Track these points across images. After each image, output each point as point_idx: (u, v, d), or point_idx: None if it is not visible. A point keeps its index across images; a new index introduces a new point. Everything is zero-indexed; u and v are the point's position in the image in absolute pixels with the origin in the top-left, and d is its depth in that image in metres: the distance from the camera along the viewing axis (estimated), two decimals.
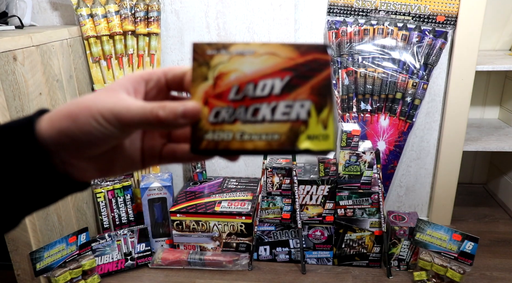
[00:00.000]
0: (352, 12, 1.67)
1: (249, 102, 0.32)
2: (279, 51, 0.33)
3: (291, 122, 0.32)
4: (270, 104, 0.32)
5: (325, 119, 0.32)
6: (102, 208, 1.71)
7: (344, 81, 1.71)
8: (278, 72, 0.33)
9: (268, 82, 0.32)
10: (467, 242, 1.47)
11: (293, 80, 0.32)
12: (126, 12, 1.65)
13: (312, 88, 0.32)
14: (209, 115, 0.32)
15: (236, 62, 0.33)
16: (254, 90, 0.32)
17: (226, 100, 0.33)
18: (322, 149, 0.31)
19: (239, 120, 0.32)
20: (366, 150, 1.59)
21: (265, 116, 0.32)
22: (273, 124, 0.32)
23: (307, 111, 0.32)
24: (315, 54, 0.33)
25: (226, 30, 1.74)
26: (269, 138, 0.32)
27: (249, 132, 0.32)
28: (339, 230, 1.66)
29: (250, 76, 0.33)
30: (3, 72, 1.24)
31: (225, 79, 0.33)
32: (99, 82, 1.73)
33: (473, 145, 1.80)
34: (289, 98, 0.32)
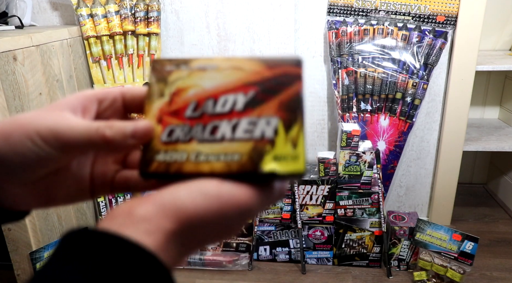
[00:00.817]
0: (352, 12, 1.67)
1: (207, 119, 0.29)
2: (244, 65, 0.30)
3: (254, 141, 0.28)
4: (231, 122, 0.28)
5: (294, 137, 0.27)
6: (102, 208, 1.71)
7: (344, 81, 1.71)
8: (241, 87, 0.29)
9: (230, 98, 0.29)
10: (467, 242, 1.47)
11: (258, 95, 0.29)
12: (126, 12, 1.65)
13: (281, 104, 0.28)
14: (162, 134, 0.29)
15: (195, 77, 0.30)
16: (214, 107, 0.29)
17: (182, 117, 0.29)
18: (291, 171, 0.27)
19: (195, 139, 0.28)
20: (366, 150, 1.59)
21: (225, 134, 0.28)
22: (233, 144, 0.28)
23: (273, 129, 0.28)
24: (285, 68, 0.30)
25: (226, 30, 1.74)
26: (228, 159, 0.27)
27: (206, 152, 0.28)
28: (339, 230, 1.66)
29: (210, 91, 0.29)
30: (3, 72, 1.24)
31: (182, 95, 0.30)
32: (99, 82, 1.73)
33: (473, 145, 1.80)
34: (253, 114, 0.28)
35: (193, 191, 0.26)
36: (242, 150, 0.27)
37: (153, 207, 0.25)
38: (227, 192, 0.26)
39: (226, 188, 0.27)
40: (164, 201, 0.26)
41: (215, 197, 0.26)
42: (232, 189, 0.27)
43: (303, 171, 0.27)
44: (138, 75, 1.76)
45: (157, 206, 0.25)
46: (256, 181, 0.27)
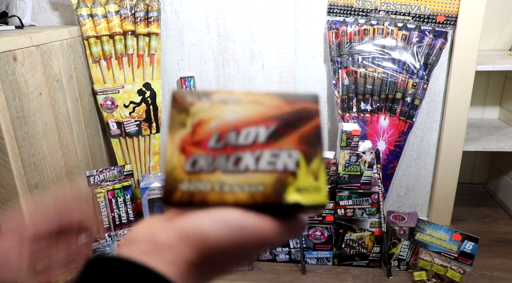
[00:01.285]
0: (352, 12, 1.67)
1: (231, 150, 0.29)
2: (264, 100, 0.31)
3: (277, 173, 0.29)
4: (254, 153, 0.29)
5: (315, 170, 0.29)
6: (102, 208, 1.71)
7: (344, 81, 1.71)
8: (263, 120, 0.30)
9: (252, 130, 0.30)
10: (467, 242, 1.47)
11: (279, 129, 0.30)
12: (126, 12, 1.65)
13: (301, 138, 0.30)
14: (185, 164, 0.29)
15: (217, 109, 0.31)
16: (237, 138, 0.30)
17: (205, 148, 0.30)
18: (314, 203, 0.28)
19: (219, 170, 0.29)
20: (366, 150, 1.59)
21: (249, 165, 0.29)
22: (257, 175, 0.29)
23: (295, 161, 0.29)
24: (303, 103, 0.31)
25: (226, 30, 1.74)
26: (252, 189, 0.28)
27: (230, 183, 0.28)
28: (339, 230, 1.66)
29: (232, 123, 0.30)
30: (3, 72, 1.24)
31: (205, 126, 0.30)
32: (99, 82, 1.73)
33: (473, 145, 1.80)
34: (275, 147, 0.29)
35: (216, 220, 0.27)
36: (266, 181, 0.28)
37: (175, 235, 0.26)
38: (250, 223, 0.27)
39: (249, 219, 0.27)
40: (187, 230, 0.26)
41: (238, 228, 0.27)
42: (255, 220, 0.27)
43: (325, 202, 0.29)
44: (138, 75, 1.76)
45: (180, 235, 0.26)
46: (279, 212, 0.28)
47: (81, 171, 1.67)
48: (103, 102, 1.75)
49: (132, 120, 1.79)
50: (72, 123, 1.60)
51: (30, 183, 1.36)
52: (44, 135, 1.43)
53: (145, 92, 1.77)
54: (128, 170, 1.75)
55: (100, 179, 1.69)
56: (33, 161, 1.37)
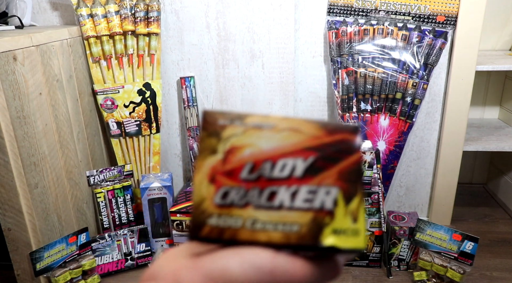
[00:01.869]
0: (352, 12, 1.67)
1: (265, 184, 0.27)
2: (302, 128, 0.28)
3: (314, 212, 0.26)
4: (290, 188, 0.27)
5: (355, 211, 0.26)
6: (102, 208, 1.72)
7: (344, 81, 1.71)
8: (300, 152, 0.28)
9: (289, 162, 0.27)
10: (467, 242, 1.47)
11: (318, 162, 0.27)
12: (126, 12, 1.65)
13: (340, 173, 0.27)
14: (215, 195, 0.27)
15: (252, 136, 0.28)
16: (272, 170, 0.27)
17: (237, 179, 0.27)
18: (352, 247, 0.26)
19: (252, 205, 0.27)
20: (366, 150, 1.59)
21: (283, 202, 0.27)
22: (292, 213, 0.26)
23: (333, 199, 0.26)
24: (344, 134, 0.28)
25: (226, 30, 1.74)
26: (287, 229, 0.26)
27: (263, 220, 0.26)
28: None
29: (267, 153, 0.28)
30: (3, 72, 1.24)
31: (237, 154, 0.28)
32: (99, 82, 1.73)
33: (473, 145, 1.80)
34: (313, 182, 0.27)
35: (245, 262, 0.25)
36: (302, 221, 0.26)
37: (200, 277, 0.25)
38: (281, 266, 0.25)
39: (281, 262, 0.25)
40: (213, 272, 0.25)
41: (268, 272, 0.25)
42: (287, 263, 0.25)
43: (364, 247, 0.26)
44: (138, 75, 1.76)
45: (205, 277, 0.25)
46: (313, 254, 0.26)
47: (81, 171, 1.67)
48: (103, 102, 1.75)
49: (132, 120, 1.79)
50: (72, 123, 1.60)
51: (30, 183, 1.36)
52: (44, 135, 1.43)
53: (145, 92, 1.77)
54: (128, 170, 1.75)
55: (100, 179, 1.69)
56: (33, 161, 1.37)
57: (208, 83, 1.82)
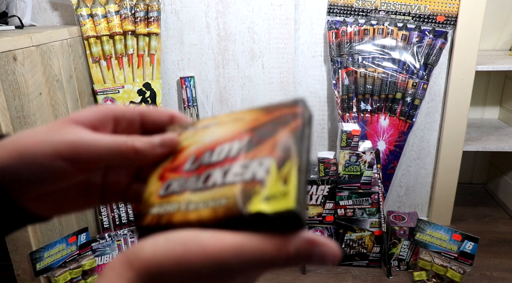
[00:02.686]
0: (352, 12, 1.67)
1: (203, 169, 0.28)
2: (244, 116, 0.29)
3: (243, 183, 0.25)
4: (223, 168, 0.27)
5: (286, 173, 0.24)
6: (102, 208, 1.71)
7: (344, 81, 1.71)
8: (238, 135, 0.28)
9: (226, 146, 0.28)
10: (467, 242, 1.47)
11: (253, 140, 0.27)
12: (126, 12, 1.65)
13: (275, 144, 0.26)
14: (160, 189, 0.29)
15: (199, 135, 0.30)
16: (210, 157, 0.28)
17: (180, 171, 0.29)
18: (278, 210, 0.23)
19: (189, 190, 0.27)
20: (366, 150, 1.59)
21: (216, 181, 0.26)
22: (222, 189, 0.26)
23: (266, 169, 0.25)
24: (283, 110, 0.28)
25: (226, 30, 1.74)
26: (215, 204, 0.25)
27: (196, 200, 0.26)
28: (339, 230, 1.66)
29: (208, 144, 0.29)
30: (3, 72, 1.24)
31: (184, 152, 0.30)
32: (99, 82, 1.73)
33: (473, 145, 1.80)
34: (246, 158, 0.27)
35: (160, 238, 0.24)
36: (230, 193, 0.25)
37: (120, 256, 0.25)
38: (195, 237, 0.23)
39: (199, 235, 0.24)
40: (129, 250, 0.25)
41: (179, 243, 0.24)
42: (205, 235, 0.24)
43: (294, 208, 0.23)
44: (138, 75, 1.76)
45: (123, 255, 0.25)
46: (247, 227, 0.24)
47: None
48: (103, 102, 1.75)
49: None
50: None
51: None
52: None
53: (145, 92, 1.77)
54: None
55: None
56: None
57: (208, 83, 1.82)
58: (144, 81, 1.76)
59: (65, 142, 0.27)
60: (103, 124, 0.30)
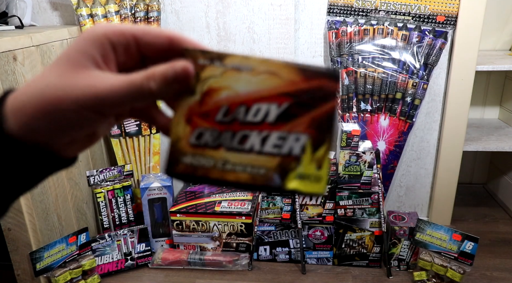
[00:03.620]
0: (352, 12, 1.67)
1: (238, 127, 0.28)
2: (281, 72, 0.28)
3: (281, 157, 0.27)
4: (261, 133, 0.28)
5: (320, 158, 0.27)
6: (102, 208, 1.71)
7: (344, 81, 1.71)
8: (276, 97, 0.28)
9: (263, 107, 0.28)
10: (467, 242, 1.47)
11: (292, 108, 0.28)
12: (126, 12, 1.65)
13: (312, 121, 0.27)
14: (190, 136, 0.29)
15: (230, 78, 0.29)
16: (246, 114, 0.28)
17: (212, 121, 0.28)
18: (312, 192, 0.27)
19: (224, 147, 0.28)
20: (366, 150, 1.59)
21: (254, 146, 0.28)
22: (261, 157, 0.27)
23: (301, 146, 0.27)
24: (322, 81, 0.28)
25: (226, 30, 1.74)
26: (254, 172, 0.27)
27: (233, 162, 0.28)
28: (339, 230, 1.66)
29: (243, 97, 0.28)
30: (3, 72, 1.24)
31: (214, 96, 0.29)
32: None
33: (473, 145, 1.80)
34: (284, 129, 0.27)
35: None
36: (269, 165, 0.27)
37: None
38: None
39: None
40: None
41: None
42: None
43: (323, 192, 0.27)
44: None
45: None
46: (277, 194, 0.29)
47: (81, 171, 1.67)
48: None
49: (132, 120, 1.79)
50: None
51: None
52: None
53: None
54: (128, 170, 1.75)
55: (100, 179, 1.69)
56: None
57: None
58: None
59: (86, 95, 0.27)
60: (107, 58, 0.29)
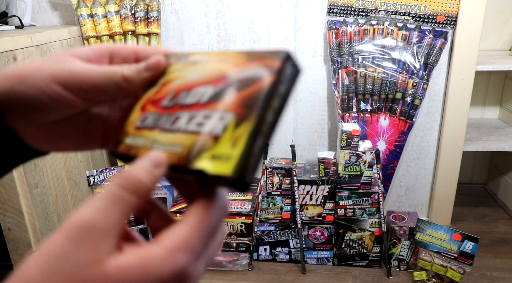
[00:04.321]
0: (352, 12, 1.67)
1: (176, 109, 0.28)
2: (230, 58, 0.28)
3: (200, 135, 0.25)
4: (190, 113, 0.27)
5: (238, 136, 0.23)
6: None
7: (344, 81, 1.71)
8: (215, 80, 0.27)
9: (200, 90, 0.27)
10: (467, 242, 1.47)
11: (225, 89, 0.26)
12: (126, 12, 1.65)
13: (242, 99, 0.25)
14: (138, 120, 0.30)
15: (186, 70, 0.30)
16: (186, 98, 0.28)
17: (158, 106, 0.29)
18: (218, 173, 0.23)
19: (158, 128, 0.28)
20: (366, 150, 1.59)
21: (181, 125, 0.27)
22: (183, 135, 0.26)
23: (224, 125, 0.24)
24: (265, 61, 0.26)
25: (226, 30, 1.74)
26: (172, 150, 0.26)
27: (160, 141, 0.27)
28: (339, 230, 1.66)
29: (189, 83, 0.29)
30: None
31: (168, 85, 0.30)
32: None
33: (473, 145, 1.80)
34: (212, 108, 0.26)
35: None
36: (186, 143, 0.25)
37: None
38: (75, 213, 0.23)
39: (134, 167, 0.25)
40: None
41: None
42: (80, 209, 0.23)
43: (230, 175, 0.22)
44: None
45: None
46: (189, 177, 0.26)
47: (81, 171, 1.67)
48: None
49: None
50: None
51: (30, 183, 1.36)
52: None
53: None
54: None
55: (100, 179, 1.69)
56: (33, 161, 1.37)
57: None
58: None
59: (61, 68, 0.28)
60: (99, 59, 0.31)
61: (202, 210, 0.25)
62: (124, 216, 0.24)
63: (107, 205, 0.23)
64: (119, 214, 0.23)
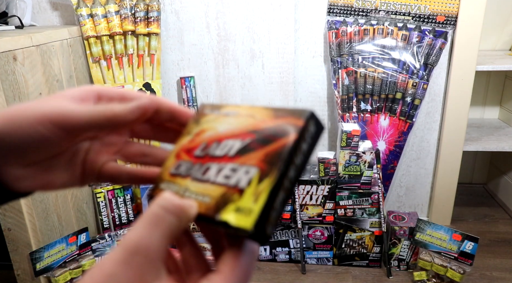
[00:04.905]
0: (352, 12, 1.67)
1: (207, 160, 0.30)
2: (258, 114, 0.30)
3: (227, 188, 0.27)
4: (219, 165, 0.29)
5: (260, 191, 0.25)
6: (102, 208, 1.71)
7: (344, 81, 1.71)
8: (243, 134, 0.29)
9: (229, 143, 0.30)
10: (467, 242, 1.47)
11: (252, 143, 0.28)
12: (126, 12, 1.65)
13: (266, 155, 0.27)
14: (172, 167, 0.32)
15: (218, 121, 0.32)
16: (216, 149, 0.30)
17: (192, 155, 0.31)
18: (239, 226, 0.25)
19: (191, 177, 0.30)
20: (366, 150, 1.59)
21: (210, 176, 0.29)
22: (211, 186, 0.28)
23: (249, 179, 0.26)
24: (288, 118, 0.28)
25: (226, 30, 1.74)
26: (200, 199, 0.28)
27: (191, 190, 0.29)
28: (339, 230, 1.66)
29: (219, 135, 0.31)
30: (3, 72, 1.24)
31: (201, 135, 0.32)
32: (99, 82, 1.73)
33: (473, 145, 1.80)
34: (238, 161, 0.28)
35: None
36: (214, 194, 0.27)
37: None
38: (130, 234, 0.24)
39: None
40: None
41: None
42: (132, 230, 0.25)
43: (250, 229, 0.24)
44: (138, 75, 1.76)
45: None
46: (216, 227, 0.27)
47: None
48: None
49: None
50: None
51: None
52: None
53: (145, 92, 1.77)
54: None
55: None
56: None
57: (208, 83, 1.82)
58: (144, 81, 1.76)
59: (53, 107, 0.29)
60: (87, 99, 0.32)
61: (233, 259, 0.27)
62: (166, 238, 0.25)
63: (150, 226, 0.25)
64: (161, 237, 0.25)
